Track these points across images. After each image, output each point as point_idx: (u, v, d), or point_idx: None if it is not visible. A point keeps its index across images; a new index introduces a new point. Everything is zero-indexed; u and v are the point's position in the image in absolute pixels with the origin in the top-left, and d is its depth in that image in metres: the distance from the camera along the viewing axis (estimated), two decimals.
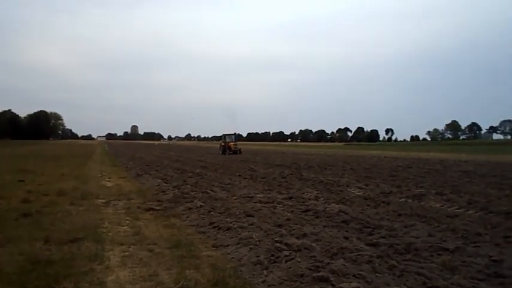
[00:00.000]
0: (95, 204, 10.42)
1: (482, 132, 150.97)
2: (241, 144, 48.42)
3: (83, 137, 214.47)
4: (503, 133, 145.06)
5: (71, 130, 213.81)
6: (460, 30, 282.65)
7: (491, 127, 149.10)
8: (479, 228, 7.55)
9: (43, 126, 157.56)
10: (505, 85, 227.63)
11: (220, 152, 43.35)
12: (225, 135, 46.49)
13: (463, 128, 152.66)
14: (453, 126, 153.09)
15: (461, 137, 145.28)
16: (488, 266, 5.39)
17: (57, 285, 4.60)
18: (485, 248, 6.29)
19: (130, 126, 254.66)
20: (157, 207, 10.00)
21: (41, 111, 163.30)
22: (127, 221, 8.49)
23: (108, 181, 16.21)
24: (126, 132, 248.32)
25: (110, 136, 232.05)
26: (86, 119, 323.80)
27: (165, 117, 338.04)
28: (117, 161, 31.56)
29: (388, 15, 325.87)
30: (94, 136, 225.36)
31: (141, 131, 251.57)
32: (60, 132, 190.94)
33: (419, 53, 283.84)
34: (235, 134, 48.32)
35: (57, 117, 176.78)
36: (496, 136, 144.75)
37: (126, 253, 6.12)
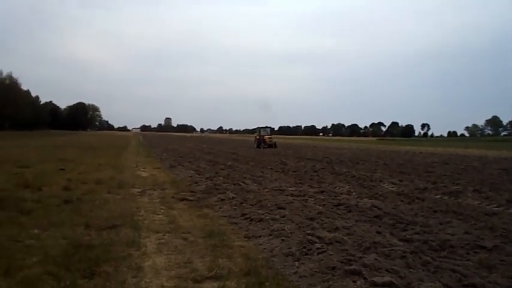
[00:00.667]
0: (130, 193, 10.77)
1: None
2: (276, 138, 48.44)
3: (119, 129, 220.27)
4: None
5: (107, 121, 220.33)
6: (499, 20, 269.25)
7: None
8: None
9: (81, 117, 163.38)
10: None
11: (255, 146, 42.82)
12: (259, 128, 45.80)
13: (504, 124, 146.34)
14: (494, 122, 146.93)
15: (502, 134, 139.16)
16: None
17: (97, 268, 4.82)
18: None
19: (164, 118, 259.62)
20: (191, 198, 10.22)
21: (79, 103, 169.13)
22: (162, 210, 8.73)
23: (143, 171, 16.67)
24: (160, 124, 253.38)
25: (145, 128, 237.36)
26: (122, 111, 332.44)
27: (198, 110, 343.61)
28: (152, 152, 32.34)
29: (421, 6, 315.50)
30: (129, 128, 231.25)
31: (174, 123, 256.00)
32: (97, 123, 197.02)
33: (458, 44, 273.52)
34: (269, 127, 47.37)
35: (94, 108, 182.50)
36: None
37: (162, 240, 6.32)
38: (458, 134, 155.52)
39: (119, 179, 13.29)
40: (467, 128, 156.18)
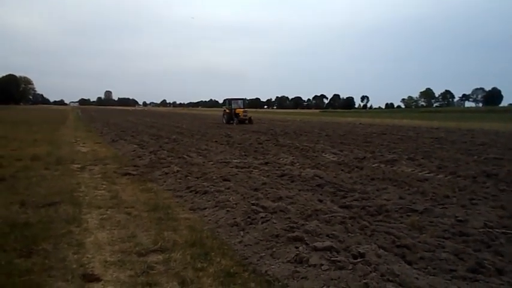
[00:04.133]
0: (70, 169, 10.30)
1: (455, 100, 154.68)
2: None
3: (55, 103, 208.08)
4: (475, 101, 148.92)
5: (42, 95, 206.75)
6: (442, 2, 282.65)
7: (463, 95, 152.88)
8: (447, 191, 7.88)
9: (12, 91, 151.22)
10: (477, 55, 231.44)
11: (224, 121, 35.96)
12: (230, 100, 37.40)
13: (436, 95, 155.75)
14: (427, 93, 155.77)
15: (434, 105, 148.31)
16: (453, 225, 5.68)
17: (35, 247, 4.62)
18: (452, 209, 6.59)
19: (104, 91, 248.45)
20: (134, 172, 9.97)
21: (9, 75, 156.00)
22: (104, 186, 8.46)
23: (83, 146, 15.96)
24: (99, 98, 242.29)
25: (83, 102, 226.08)
26: (58, 84, 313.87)
27: (140, 83, 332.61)
28: (92, 126, 30.97)
29: None
30: (67, 102, 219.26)
31: (115, 97, 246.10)
32: (30, 97, 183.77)
33: (397, 22, 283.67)
34: (243, 98, 39.18)
35: (27, 81, 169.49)
36: (468, 104, 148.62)
37: (104, 216, 6.16)
38: (395, 105, 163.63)
39: (57, 154, 12.66)
40: (403, 100, 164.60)
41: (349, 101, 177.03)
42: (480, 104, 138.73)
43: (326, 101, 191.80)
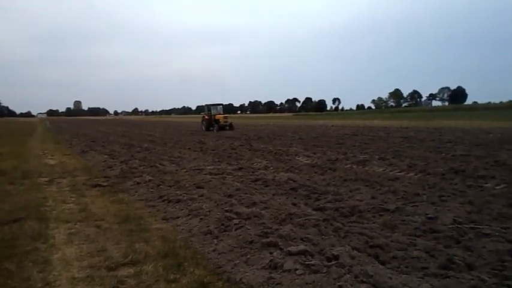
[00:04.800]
0: (37, 183, 9.95)
1: (423, 99, 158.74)
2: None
3: (22, 115, 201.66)
4: (442, 100, 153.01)
5: (7, 107, 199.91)
6: (404, 2, 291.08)
7: (430, 94, 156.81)
8: (417, 189, 8.04)
9: None
10: (442, 54, 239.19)
11: (203, 128, 34.11)
12: (209, 105, 35.51)
13: (405, 96, 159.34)
14: (396, 94, 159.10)
15: (403, 105, 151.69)
16: (424, 223, 5.78)
17: None
18: (423, 207, 6.72)
19: (73, 101, 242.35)
20: (104, 183, 9.72)
21: None
22: (72, 199, 8.20)
23: (51, 159, 15.45)
24: (69, 108, 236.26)
25: (52, 113, 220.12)
26: (24, 96, 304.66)
27: (110, 91, 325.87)
28: (60, 138, 30.08)
29: None
30: (34, 113, 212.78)
31: (85, 107, 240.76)
32: None
33: (365, 23, 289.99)
34: (221, 104, 36.97)
35: None
36: (435, 103, 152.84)
37: (72, 230, 5.95)
38: (366, 106, 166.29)
39: (23, 168, 12.19)
40: (373, 101, 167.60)
41: (321, 103, 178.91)
42: (446, 103, 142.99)
43: (298, 105, 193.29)
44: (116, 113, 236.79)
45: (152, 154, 16.07)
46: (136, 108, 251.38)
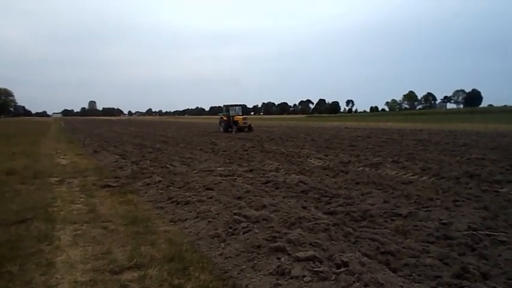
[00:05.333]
0: (47, 183, 9.99)
1: (437, 102, 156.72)
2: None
3: (37, 114, 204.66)
4: (456, 102, 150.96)
5: (23, 107, 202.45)
6: (418, 4, 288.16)
7: (445, 97, 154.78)
8: (431, 194, 7.84)
9: None
10: (458, 57, 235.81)
11: (222, 129, 33.39)
12: (227, 106, 34.29)
13: (419, 98, 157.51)
14: (410, 96, 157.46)
15: (417, 107, 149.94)
16: (438, 229, 5.60)
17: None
18: (436, 212, 6.54)
19: (88, 102, 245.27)
20: (114, 184, 9.70)
21: None
22: (81, 199, 8.18)
23: (63, 159, 15.56)
24: (83, 108, 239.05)
25: (67, 113, 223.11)
26: (40, 96, 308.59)
27: (125, 92, 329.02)
28: (74, 137, 30.38)
29: None
30: (49, 113, 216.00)
31: (99, 107, 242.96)
32: (11, 109, 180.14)
33: (379, 27, 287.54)
34: (241, 105, 35.66)
35: (7, 93, 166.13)
36: (450, 105, 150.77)
37: (79, 232, 5.90)
38: (380, 109, 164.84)
39: (34, 168, 12.26)
40: (387, 103, 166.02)
41: (335, 105, 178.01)
42: (461, 106, 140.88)
43: (312, 106, 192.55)
44: (130, 113, 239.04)
45: (164, 155, 16.08)
46: (150, 109, 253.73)
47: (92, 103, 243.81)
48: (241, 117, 32.87)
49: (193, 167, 12.38)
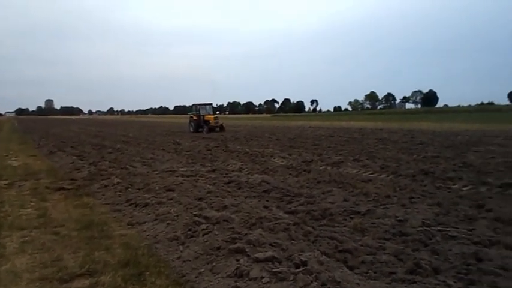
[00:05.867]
0: None
1: (397, 102, 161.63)
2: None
3: None
4: (415, 102, 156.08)
5: None
6: (382, 9, 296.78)
7: (404, 97, 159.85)
8: (388, 191, 8.01)
9: None
10: (415, 59, 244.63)
11: (191, 130, 31.94)
12: (197, 105, 32.92)
13: (380, 98, 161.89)
14: (371, 96, 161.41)
15: (378, 107, 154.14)
16: (394, 225, 5.71)
17: None
18: (393, 209, 6.68)
19: (45, 100, 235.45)
20: (69, 186, 9.31)
21: None
22: (32, 203, 7.78)
23: (15, 160, 14.82)
24: (40, 107, 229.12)
25: (21, 112, 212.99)
26: None
27: (85, 90, 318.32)
28: (28, 138, 29.06)
29: None
30: (2, 112, 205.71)
31: (57, 106, 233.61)
32: None
33: (342, 25, 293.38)
34: (210, 104, 34.57)
35: None
36: (409, 105, 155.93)
37: (27, 238, 5.59)
38: (343, 108, 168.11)
39: None
40: (350, 103, 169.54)
41: (299, 105, 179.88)
42: (419, 106, 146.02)
43: (277, 106, 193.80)
44: (90, 112, 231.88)
45: (124, 155, 15.64)
46: (111, 108, 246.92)
47: (49, 102, 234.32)
48: (212, 116, 31.61)
49: (154, 168, 12.11)
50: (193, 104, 33.82)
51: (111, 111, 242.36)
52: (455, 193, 7.80)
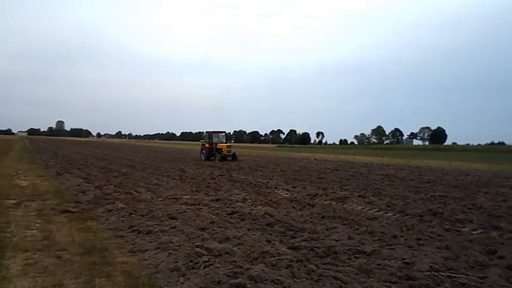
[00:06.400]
0: (3, 206, 9.52)
1: (404, 137, 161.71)
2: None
3: (1, 132, 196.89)
4: (422, 139, 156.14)
5: None
6: (387, 46, 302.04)
7: (411, 133, 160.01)
8: (395, 231, 7.92)
9: None
10: (424, 96, 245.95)
11: (203, 157, 31.20)
12: (210, 133, 31.81)
13: (387, 133, 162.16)
14: (378, 131, 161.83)
15: (385, 142, 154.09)
16: (400, 268, 5.62)
17: None
18: (399, 250, 6.57)
19: (56, 121, 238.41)
20: (74, 209, 9.33)
21: None
22: (37, 225, 7.80)
23: (24, 180, 14.92)
24: (51, 128, 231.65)
25: (33, 131, 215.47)
26: (5, 113, 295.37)
27: (94, 113, 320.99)
28: (37, 158, 29.30)
29: (321, 24, 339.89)
30: (14, 131, 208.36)
31: (67, 127, 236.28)
32: None
33: (351, 62, 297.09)
34: (224, 132, 33.62)
35: None
36: (416, 142, 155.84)
37: (30, 260, 5.58)
38: (349, 142, 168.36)
39: None
40: (356, 137, 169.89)
41: (305, 136, 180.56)
42: (427, 142, 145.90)
43: (283, 136, 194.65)
44: (98, 135, 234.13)
45: (129, 180, 15.69)
46: (119, 132, 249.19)
47: (60, 123, 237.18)
48: (225, 145, 30.84)
49: (158, 194, 12.12)
50: (206, 132, 33.06)
51: (119, 134, 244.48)
52: (465, 236, 7.66)
